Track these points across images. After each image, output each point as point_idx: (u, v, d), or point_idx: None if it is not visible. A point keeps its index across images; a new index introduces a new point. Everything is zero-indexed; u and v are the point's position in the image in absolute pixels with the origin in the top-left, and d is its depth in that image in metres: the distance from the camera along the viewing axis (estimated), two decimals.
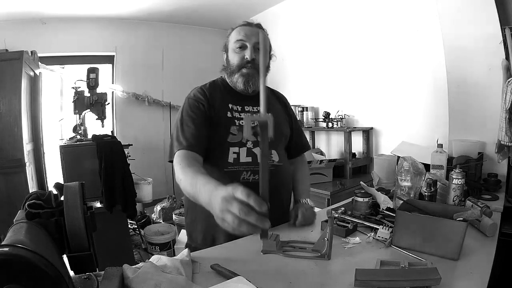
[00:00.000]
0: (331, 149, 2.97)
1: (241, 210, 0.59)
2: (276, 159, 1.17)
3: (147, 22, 3.77)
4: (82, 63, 3.32)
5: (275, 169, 1.16)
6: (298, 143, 1.36)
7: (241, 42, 1.14)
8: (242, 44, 1.14)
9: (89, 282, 0.70)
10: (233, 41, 1.16)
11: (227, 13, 3.56)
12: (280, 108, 1.31)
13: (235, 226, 0.60)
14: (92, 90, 2.47)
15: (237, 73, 1.15)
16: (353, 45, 2.70)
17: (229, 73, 1.18)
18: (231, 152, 1.11)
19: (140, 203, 3.06)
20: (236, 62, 1.15)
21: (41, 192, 0.67)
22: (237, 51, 1.15)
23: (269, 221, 0.60)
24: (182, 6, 3.37)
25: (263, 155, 0.66)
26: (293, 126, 1.33)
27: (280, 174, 1.18)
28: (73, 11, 3.18)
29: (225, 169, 1.09)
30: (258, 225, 0.59)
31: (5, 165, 2.41)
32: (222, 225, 0.63)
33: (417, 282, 0.71)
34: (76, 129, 2.52)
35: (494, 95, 1.70)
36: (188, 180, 0.89)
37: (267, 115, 0.66)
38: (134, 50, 3.75)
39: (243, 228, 0.60)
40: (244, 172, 1.10)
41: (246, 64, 1.14)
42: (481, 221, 1.05)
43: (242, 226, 0.59)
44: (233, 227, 0.60)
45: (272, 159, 1.16)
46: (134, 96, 3.72)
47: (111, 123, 3.67)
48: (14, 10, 2.91)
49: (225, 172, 1.09)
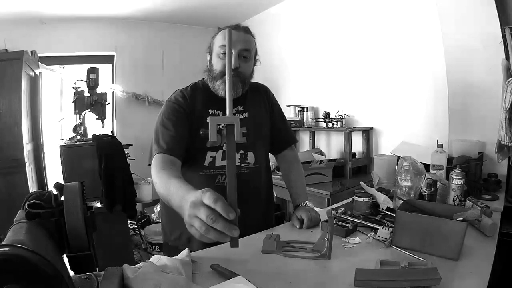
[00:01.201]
0: (331, 149, 2.97)
1: (208, 216, 0.55)
2: (252, 161, 1.16)
3: (147, 22, 3.77)
4: (82, 63, 3.32)
5: (251, 171, 1.14)
6: (281, 136, 1.31)
7: (225, 49, 1.08)
8: None
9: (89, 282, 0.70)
10: (218, 45, 1.10)
11: (227, 13, 3.55)
12: (261, 106, 1.26)
13: (202, 233, 0.56)
14: (92, 90, 2.47)
15: (219, 80, 1.11)
16: (353, 45, 2.70)
17: (211, 78, 1.14)
18: (208, 156, 1.10)
19: (140, 203, 3.06)
20: (219, 69, 1.10)
21: (41, 192, 0.67)
22: (221, 57, 1.10)
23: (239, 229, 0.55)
24: (182, 6, 3.36)
25: (229, 157, 0.62)
26: (275, 119, 1.29)
27: (257, 176, 1.16)
28: (73, 11, 3.18)
29: (200, 173, 1.09)
30: (226, 232, 0.55)
31: (5, 165, 2.42)
32: (190, 230, 0.60)
33: (417, 282, 0.71)
34: (76, 129, 2.52)
35: (494, 95, 1.70)
36: (163, 183, 0.88)
37: (233, 117, 0.64)
38: (134, 50, 3.75)
39: (210, 235, 0.56)
40: (219, 175, 1.10)
41: None
42: (481, 221, 1.05)
43: (209, 233, 0.56)
44: (200, 233, 0.57)
45: (248, 161, 1.15)
46: (134, 96, 3.72)
47: (111, 123, 3.67)
48: (14, 10, 2.91)
49: (200, 175, 1.09)
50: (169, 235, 1.17)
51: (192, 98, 1.14)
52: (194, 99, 1.14)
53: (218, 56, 1.10)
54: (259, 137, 1.20)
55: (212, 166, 1.10)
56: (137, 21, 3.71)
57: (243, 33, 1.11)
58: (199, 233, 0.57)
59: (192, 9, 3.45)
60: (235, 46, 1.08)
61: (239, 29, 1.11)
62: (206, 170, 1.10)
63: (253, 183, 1.16)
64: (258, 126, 1.20)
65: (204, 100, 1.14)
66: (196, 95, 1.15)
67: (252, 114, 1.18)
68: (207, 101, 1.14)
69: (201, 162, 1.10)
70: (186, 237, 1.11)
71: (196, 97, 1.15)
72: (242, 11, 3.54)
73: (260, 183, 1.21)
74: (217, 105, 1.14)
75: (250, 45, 1.12)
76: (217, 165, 1.10)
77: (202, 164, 1.10)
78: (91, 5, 3.09)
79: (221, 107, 1.13)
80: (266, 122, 1.25)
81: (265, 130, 1.24)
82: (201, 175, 1.09)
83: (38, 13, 3.09)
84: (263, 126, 1.23)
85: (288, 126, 1.37)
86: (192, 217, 0.59)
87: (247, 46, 1.11)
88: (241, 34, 1.10)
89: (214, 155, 1.11)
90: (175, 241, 1.13)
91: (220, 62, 1.10)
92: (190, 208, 0.59)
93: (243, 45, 1.09)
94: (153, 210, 3.42)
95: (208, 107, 1.14)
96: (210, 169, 1.10)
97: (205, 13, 3.59)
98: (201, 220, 0.56)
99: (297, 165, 1.34)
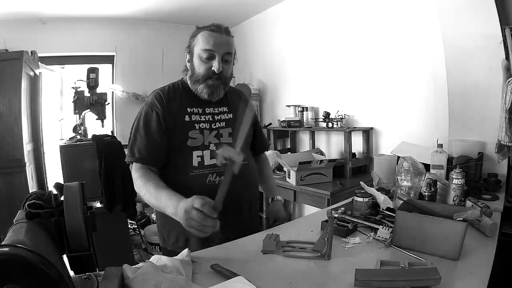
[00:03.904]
0: (331, 149, 2.97)
1: (199, 217, 0.82)
2: None
3: (147, 22, 3.77)
4: (82, 63, 3.32)
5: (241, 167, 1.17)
6: (261, 141, 1.38)
7: (209, 53, 1.08)
8: (210, 55, 1.09)
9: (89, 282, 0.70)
10: (200, 47, 1.09)
11: (227, 13, 3.55)
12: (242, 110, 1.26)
13: (198, 229, 0.83)
14: (92, 90, 2.47)
15: (202, 83, 1.11)
16: (353, 45, 2.70)
17: (193, 81, 1.14)
18: (195, 156, 1.10)
19: (140, 203, 3.06)
20: (202, 72, 1.10)
21: (41, 192, 0.67)
22: (204, 60, 1.09)
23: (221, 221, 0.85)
24: (182, 6, 3.37)
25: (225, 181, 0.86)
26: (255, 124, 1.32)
27: (247, 171, 1.17)
28: (73, 11, 3.18)
29: (190, 173, 1.09)
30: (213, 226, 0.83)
31: (5, 165, 2.42)
32: (188, 230, 0.85)
33: (417, 282, 0.71)
34: (76, 129, 2.52)
35: (494, 95, 1.70)
36: (152, 195, 1.00)
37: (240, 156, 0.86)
38: (134, 50, 3.75)
39: (206, 230, 0.83)
40: (210, 174, 1.10)
41: (213, 75, 1.10)
42: (481, 221, 1.05)
43: (204, 228, 0.83)
44: (197, 230, 0.83)
45: None
46: (134, 96, 3.72)
47: (111, 123, 3.67)
48: (14, 10, 2.91)
49: (191, 176, 1.09)
50: (167, 240, 1.17)
51: (168, 98, 1.13)
52: (171, 99, 1.14)
53: (200, 59, 1.10)
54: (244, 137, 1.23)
55: (202, 166, 1.10)
56: (137, 21, 3.71)
57: (225, 36, 1.12)
58: (196, 230, 0.83)
59: (192, 9, 3.45)
60: (219, 49, 1.09)
61: (221, 31, 1.11)
62: (196, 170, 1.10)
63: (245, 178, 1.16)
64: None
65: (183, 100, 1.15)
66: (174, 95, 1.16)
67: (236, 116, 1.21)
68: (185, 101, 1.15)
69: (189, 163, 1.10)
70: (183, 240, 1.12)
71: (174, 97, 1.15)
72: (242, 11, 3.54)
73: (250, 177, 1.22)
74: (197, 104, 1.15)
75: (232, 48, 1.14)
76: (207, 164, 1.10)
77: (190, 165, 1.10)
78: (91, 5, 3.09)
79: (200, 105, 1.16)
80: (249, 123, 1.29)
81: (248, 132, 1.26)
82: (192, 176, 1.09)
83: (38, 13, 3.09)
84: None
85: (263, 133, 1.45)
86: (188, 219, 0.84)
87: (229, 49, 1.12)
88: (223, 37, 1.10)
89: (201, 154, 1.11)
90: (173, 245, 1.14)
91: (203, 66, 1.10)
92: (185, 214, 0.84)
93: (226, 49, 1.10)
94: (153, 210, 3.42)
95: (187, 105, 1.14)
96: (200, 169, 1.10)
97: (205, 13, 3.59)
98: (195, 221, 0.82)
99: (268, 165, 1.47)
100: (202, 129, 1.13)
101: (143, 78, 3.78)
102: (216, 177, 1.09)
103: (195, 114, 1.14)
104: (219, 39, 1.09)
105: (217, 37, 1.09)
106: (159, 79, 3.85)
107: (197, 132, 1.12)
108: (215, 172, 1.09)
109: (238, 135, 0.95)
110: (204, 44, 1.08)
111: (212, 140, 1.13)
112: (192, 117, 1.13)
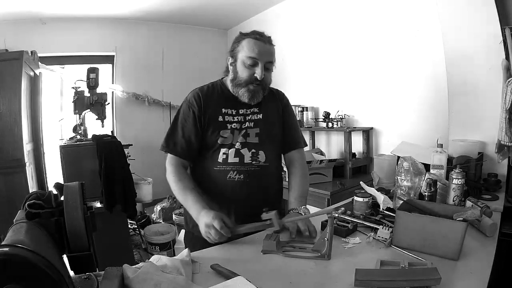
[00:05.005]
0: (331, 149, 2.97)
1: (216, 234, 0.99)
2: (263, 159, 1.21)
3: (147, 22, 3.77)
4: (82, 63, 3.32)
5: (261, 169, 1.21)
6: (289, 135, 1.34)
7: (253, 60, 1.15)
8: (254, 62, 1.15)
9: (89, 282, 0.70)
10: (245, 54, 1.15)
11: (227, 13, 3.56)
12: (274, 108, 1.30)
13: (213, 241, 1.01)
14: (92, 90, 2.47)
15: (243, 88, 1.19)
16: (353, 46, 2.70)
17: (235, 85, 1.20)
18: (221, 152, 1.19)
19: (140, 203, 3.06)
20: (245, 77, 1.17)
21: (41, 192, 0.67)
22: (248, 67, 1.16)
23: None
24: (182, 6, 3.36)
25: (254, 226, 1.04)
26: (286, 119, 1.32)
27: (266, 174, 1.22)
28: (73, 11, 3.18)
29: (214, 168, 1.19)
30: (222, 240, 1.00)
31: (5, 165, 2.42)
32: (205, 238, 1.03)
33: (417, 282, 0.71)
34: (76, 129, 2.52)
35: (494, 95, 1.70)
36: (181, 193, 1.15)
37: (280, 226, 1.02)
38: (134, 50, 3.75)
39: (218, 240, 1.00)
40: (231, 171, 1.18)
41: (255, 81, 1.17)
42: (481, 221, 1.05)
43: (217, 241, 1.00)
44: (212, 241, 1.01)
45: (259, 159, 1.21)
46: (134, 96, 3.72)
47: (111, 123, 3.67)
48: (14, 10, 2.91)
49: (214, 171, 1.19)
50: (189, 223, 1.26)
51: (206, 98, 1.22)
52: (209, 99, 1.22)
53: (244, 65, 1.17)
54: (271, 137, 1.26)
55: (225, 162, 1.18)
56: (137, 21, 3.71)
57: (268, 45, 1.18)
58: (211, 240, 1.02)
59: (192, 9, 3.45)
60: (262, 58, 1.15)
61: (264, 39, 1.17)
62: (220, 166, 1.18)
63: (262, 180, 1.21)
64: (270, 126, 1.26)
65: (219, 100, 1.23)
66: (212, 95, 1.24)
67: (266, 116, 1.25)
68: (222, 101, 1.23)
69: (215, 158, 1.19)
70: None
71: (212, 97, 1.23)
72: (242, 11, 3.54)
73: (269, 180, 1.25)
74: (232, 105, 1.22)
75: (273, 57, 1.21)
76: (230, 162, 1.18)
77: (216, 160, 1.19)
78: (91, 5, 3.09)
79: (234, 107, 1.23)
80: (278, 122, 1.30)
81: (276, 130, 1.29)
82: (215, 170, 1.18)
83: (38, 13, 3.09)
84: (275, 126, 1.29)
85: (298, 129, 1.39)
86: (206, 231, 1.02)
87: (271, 59, 1.19)
88: (267, 46, 1.17)
89: (227, 152, 1.18)
90: (193, 228, 1.20)
91: (246, 71, 1.17)
92: (205, 227, 1.01)
93: (268, 58, 1.17)
94: (153, 210, 3.42)
95: (222, 106, 1.22)
96: (223, 165, 1.18)
97: (205, 13, 3.59)
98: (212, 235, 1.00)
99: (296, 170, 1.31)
100: (233, 129, 1.20)
101: (143, 78, 3.78)
102: (236, 175, 1.17)
103: (229, 115, 1.21)
104: (263, 48, 1.16)
105: (261, 46, 1.15)
106: (159, 79, 3.87)
107: (228, 132, 1.20)
108: (236, 170, 1.17)
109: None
110: (249, 51, 1.15)
111: (240, 139, 1.19)
112: (225, 117, 1.21)
